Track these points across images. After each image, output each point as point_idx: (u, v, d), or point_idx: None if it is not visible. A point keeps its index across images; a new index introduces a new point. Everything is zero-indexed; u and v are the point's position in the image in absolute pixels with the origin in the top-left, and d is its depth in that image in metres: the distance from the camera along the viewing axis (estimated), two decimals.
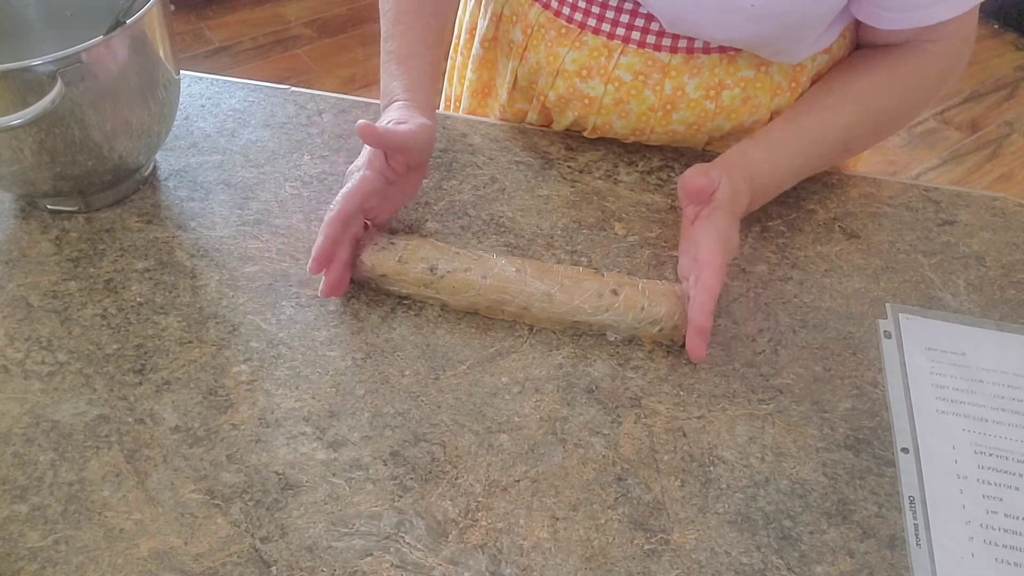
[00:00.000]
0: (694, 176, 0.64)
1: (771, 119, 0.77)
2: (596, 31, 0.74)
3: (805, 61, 0.75)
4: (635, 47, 0.73)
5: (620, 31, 0.73)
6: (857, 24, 0.77)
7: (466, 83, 0.90)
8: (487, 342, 0.64)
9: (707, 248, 0.62)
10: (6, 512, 0.53)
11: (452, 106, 0.97)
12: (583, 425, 0.59)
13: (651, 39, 0.73)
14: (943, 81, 0.74)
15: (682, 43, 0.73)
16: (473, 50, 0.87)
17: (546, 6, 0.76)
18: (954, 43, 0.72)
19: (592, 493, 0.56)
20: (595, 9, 0.73)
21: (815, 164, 0.73)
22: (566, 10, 0.75)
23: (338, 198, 0.64)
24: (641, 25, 0.72)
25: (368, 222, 0.67)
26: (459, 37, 0.92)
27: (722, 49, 0.73)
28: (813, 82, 0.76)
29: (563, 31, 0.75)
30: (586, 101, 0.77)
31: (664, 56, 0.73)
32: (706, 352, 0.60)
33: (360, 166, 0.66)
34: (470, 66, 0.89)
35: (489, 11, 0.82)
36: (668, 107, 0.75)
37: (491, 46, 0.84)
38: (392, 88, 0.71)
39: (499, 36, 0.82)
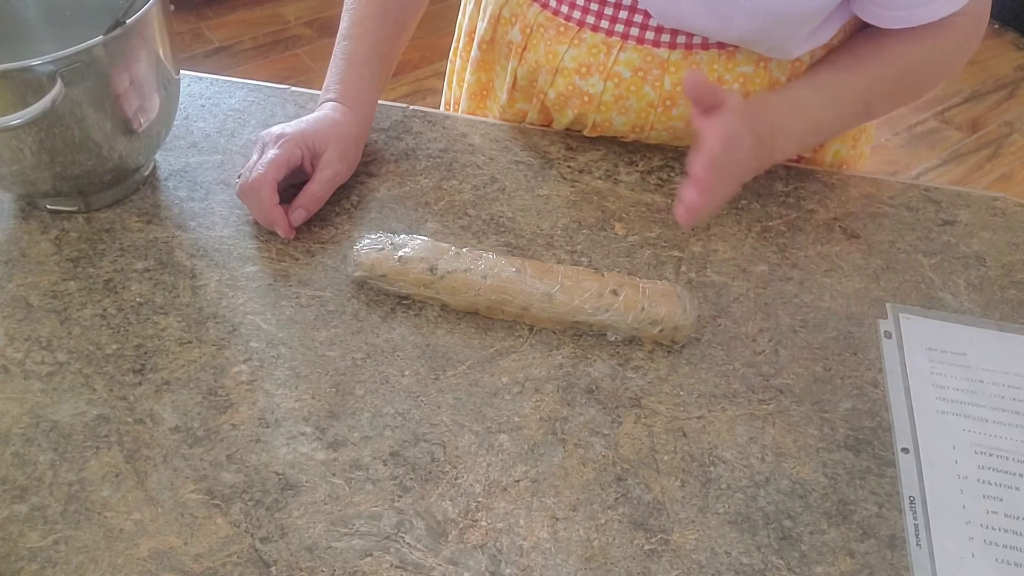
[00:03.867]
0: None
1: None
2: (595, 28, 0.74)
3: (804, 57, 0.75)
4: (634, 43, 0.73)
5: (619, 28, 0.73)
6: (861, 25, 0.77)
7: (465, 85, 0.90)
8: (487, 342, 0.64)
9: (709, 128, 0.60)
10: (6, 512, 0.53)
11: (452, 109, 0.97)
12: (583, 425, 0.59)
13: (650, 35, 0.73)
14: (961, 53, 0.74)
15: (681, 39, 0.73)
16: (472, 52, 0.87)
17: (544, 5, 0.76)
18: (969, 18, 0.72)
19: (592, 493, 0.56)
20: (594, 7, 0.73)
21: (838, 120, 0.72)
22: (565, 8, 0.75)
23: (264, 166, 0.68)
24: (639, 21, 0.73)
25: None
26: (458, 40, 0.92)
27: (721, 45, 0.73)
28: None
29: (562, 29, 0.75)
30: (586, 98, 0.77)
31: (663, 52, 0.73)
32: (695, 210, 0.59)
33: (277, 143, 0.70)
34: (468, 68, 0.89)
35: (488, 13, 0.82)
36: (668, 103, 0.75)
37: (489, 48, 0.84)
38: (332, 87, 0.75)
39: (497, 37, 0.82)
